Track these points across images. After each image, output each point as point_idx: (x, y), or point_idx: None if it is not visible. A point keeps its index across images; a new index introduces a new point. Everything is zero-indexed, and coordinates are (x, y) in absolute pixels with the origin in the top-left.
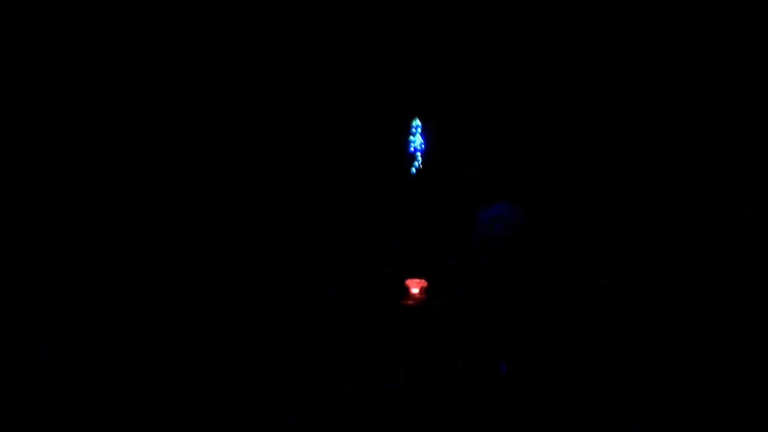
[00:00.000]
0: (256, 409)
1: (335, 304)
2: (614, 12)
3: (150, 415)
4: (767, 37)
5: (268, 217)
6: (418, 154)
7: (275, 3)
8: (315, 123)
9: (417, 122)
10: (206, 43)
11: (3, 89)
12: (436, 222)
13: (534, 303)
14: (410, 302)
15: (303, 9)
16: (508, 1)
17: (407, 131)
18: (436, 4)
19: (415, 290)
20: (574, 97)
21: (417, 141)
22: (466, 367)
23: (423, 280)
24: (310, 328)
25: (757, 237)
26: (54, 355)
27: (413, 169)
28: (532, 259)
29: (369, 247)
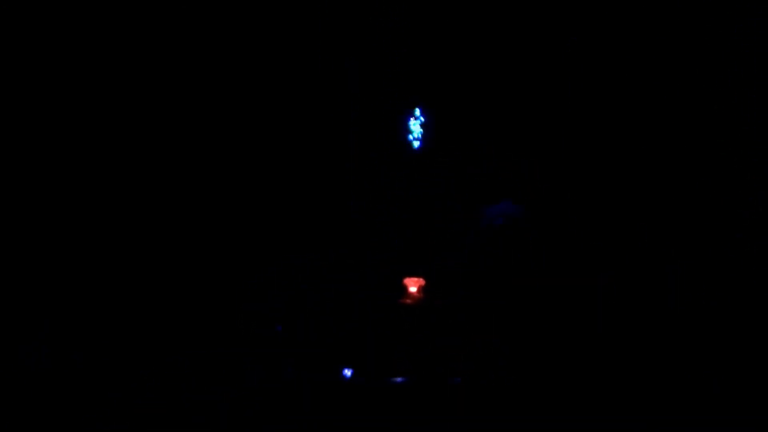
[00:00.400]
0: (256, 409)
1: (335, 303)
2: (614, 12)
3: (150, 415)
4: (767, 37)
5: (268, 217)
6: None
7: (275, 3)
8: (315, 123)
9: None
10: (205, 43)
11: (3, 89)
12: (436, 222)
13: (534, 303)
14: (409, 301)
15: (303, 9)
16: (508, 2)
17: (407, 126)
18: (436, 5)
19: (413, 289)
20: (574, 97)
21: (416, 128)
22: (466, 367)
23: (421, 279)
24: (310, 327)
25: (757, 237)
26: (54, 355)
27: (414, 147)
28: (532, 259)
29: (369, 247)
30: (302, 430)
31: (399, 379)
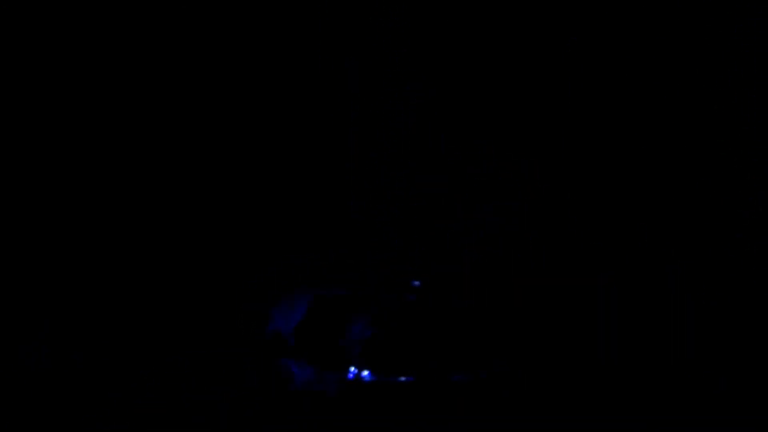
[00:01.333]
0: (256, 409)
1: (335, 303)
2: (614, 12)
3: (150, 415)
4: (767, 37)
5: (267, 217)
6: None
7: (275, 3)
8: (315, 123)
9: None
10: (205, 43)
11: (3, 89)
12: (436, 222)
13: (534, 303)
14: (412, 299)
15: (303, 9)
16: (507, 2)
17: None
18: (436, 5)
19: (416, 286)
20: (574, 97)
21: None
22: (465, 367)
23: (424, 278)
24: (310, 327)
25: (757, 237)
26: (54, 355)
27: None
28: (532, 259)
29: (369, 247)
30: (302, 430)
31: (404, 378)
